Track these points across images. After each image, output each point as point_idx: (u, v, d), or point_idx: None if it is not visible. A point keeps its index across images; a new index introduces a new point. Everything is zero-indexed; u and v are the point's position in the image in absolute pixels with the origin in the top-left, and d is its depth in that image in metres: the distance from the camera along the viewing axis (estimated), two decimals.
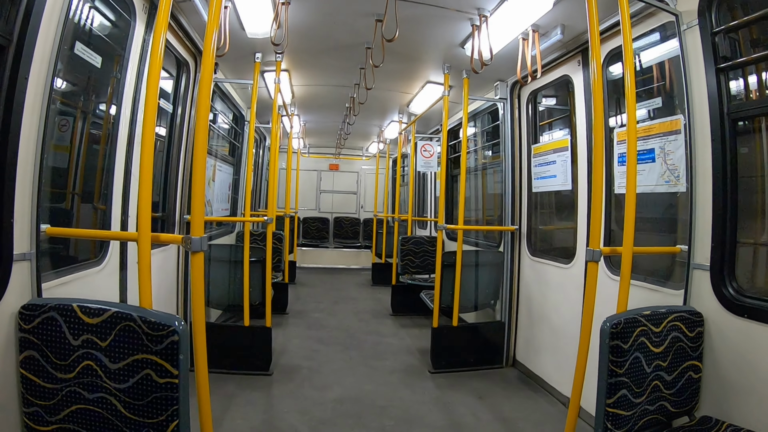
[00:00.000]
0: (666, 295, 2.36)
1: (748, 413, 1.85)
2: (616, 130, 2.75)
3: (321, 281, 7.75)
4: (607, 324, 1.80)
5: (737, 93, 2.07)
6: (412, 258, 5.76)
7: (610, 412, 1.77)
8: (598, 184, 1.96)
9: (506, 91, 4.07)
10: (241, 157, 5.52)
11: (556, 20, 2.87)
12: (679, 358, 1.98)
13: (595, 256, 1.91)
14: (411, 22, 3.00)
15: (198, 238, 1.59)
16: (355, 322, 5.28)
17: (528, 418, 3.02)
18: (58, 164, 2.17)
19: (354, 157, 10.63)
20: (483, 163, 5.59)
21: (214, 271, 3.89)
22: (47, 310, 1.55)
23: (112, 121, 2.42)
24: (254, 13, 2.98)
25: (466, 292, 4.01)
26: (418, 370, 3.81)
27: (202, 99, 1.66)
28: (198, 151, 1.62)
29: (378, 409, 3.07)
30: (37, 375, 1.56)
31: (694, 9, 2.12)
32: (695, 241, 2.15)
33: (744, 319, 1.89)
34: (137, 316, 1.50)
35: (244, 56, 3.66)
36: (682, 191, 2.29)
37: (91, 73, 2.29)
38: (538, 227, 3.96)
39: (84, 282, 2.12)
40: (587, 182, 3.08)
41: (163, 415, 1.47)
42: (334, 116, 6.48)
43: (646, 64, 2.68)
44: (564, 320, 3.27)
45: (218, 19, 1.71)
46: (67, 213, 2.30)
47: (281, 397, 3.18)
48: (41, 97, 1.70)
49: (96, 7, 2.24)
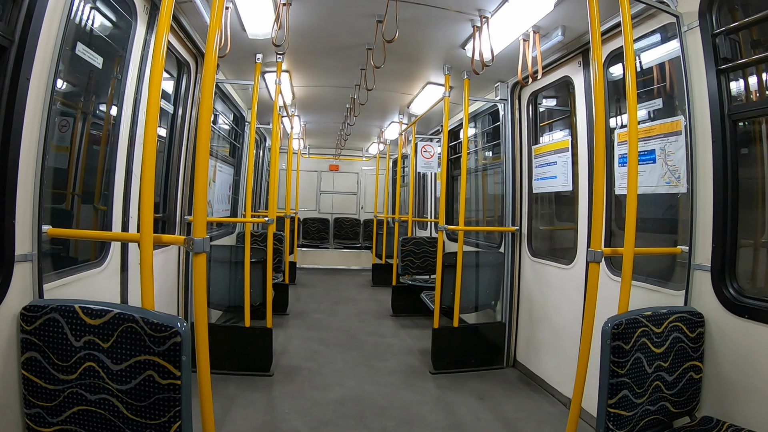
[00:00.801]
0: (667, 296, 2.36)
1: (749, 413, 1.85)
2: (617, 131, 2.76)
3: (321, 282, 7.75)
4: (609, 325, 1.80)
5: (738, 94, 2.07)
6: (413, 259, 5.76)
7: (612, 412, 1.78)
8: (599, 185, 1.96)
9: (507, 92, 4.08)
10: (242, 158, 5.53)
11: (556, 21, 2.88)
12: (680, 359, 1.99)
13: (597, 257, 1.91)
14: (411, 23, 3.01)
15: (200, 240, 1.58)
16: (356, 322, 5.27)
17: (529, 419, 3.02)
18: (59, 165, 2.17)
19: (354, 157, 10.64)
20: (483, 163, 5.59)
21: (214, 272, 3.89)
22: (49, 312, 1.55)
23: (113, 122, 2.42)
24: (255, 14, 2.99)
25: (466, 292, 4.01)
26: (419, 371, 3.81)
27: (204, 100, 1.66)
28: (200, 152, 1.61)
29: (379, 409, 3.06)
30: (39, 376, 1.56)
31: (695, 10, 2.12)
32: (696, 242, 2.15)
33: (745, 320, 1.89)
34: (139, 317, 1.50)
35: (245, 57, 3.66)
36: (682, 192, 2.30)
37: (92, 73, 2.29)
38: (539, 228, 3.96)
39: (85, 283, 2.12)
40: (588, 183, 3.09)
41: (165, 417, 1.47)
42: (335, 117, 6.48)
43: (646, 65, 2.68)
44: (564, 321, 3.28)
45: (220, 20, 1.71)
46: (68, 214, 2.30)
47: (282, 398, 3.18)
48: (43, 98, 1.70)
49: (97, 7, 2.25)
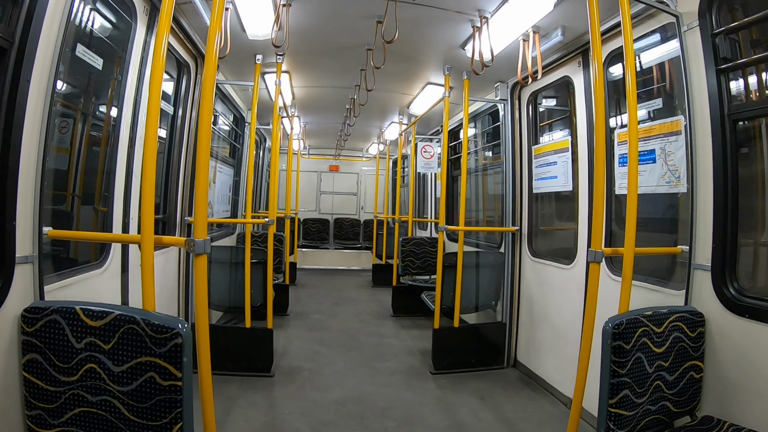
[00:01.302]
0: (667, 296, 2.36)
1: (749, 413, 1.85)
2: (617, 130, 2.76)
3: (321, 282, 7.74)
4: (609, 324, 1.80)
5: (738, 94, 2.07)
6: (413, 259, 5.76)
7: (613, 412, 1.78)
8: (599, 185, 1.96)
9: (507, 92, 4.08)
10: (242, 159, 5.53)
11: (556, 21, 2.88)
12: (681, 358, 1.99)
13: (597, 256, 1.91)
14: (411, 24, 3.01)
15: (201, 241, 1.58)
16: (356, 323, 5.27)
17: (529, 419, 3.02)
18: (60, 167, 2.17)
19: (354, 158, 10.63)
20: (483, 164, 5.59)
21: (214, 272, 3.89)
22: (50, 313, 1.55)
23: (113, 123, 2.42)
24: (255, 14, 2.99)
25: (467, 293, 4.01)
26: (420, 371, 3.80)
27: (205, 101, 1.66)
28: (201, 153, 1.61)
29: (380, 410, 3.06)
30: (40, 378, 1.56)
31: (695, 10, 2.12)
32: (696, 242, 2.15)
33: (745, 319, 1.89)
34: (140, 318, 1.50)
35: (245, 58, 3.66)
36: (682, 192, 2.30)
37: (93, 75, 2.29)
38: (539, 228, 3.96)
39: (86, 284, 2.12)
40: (588, 183, 3.09)
41: (167, 418, 1.47)
42: (335, 117, 6.48)
43: (646, 65, 2.68)
44: (565, 321, 3.28)
45: (220, 21, 1.71)
46: (69, 216, 2.30)
47: (283, 398, 3.18)
48: (43, 99, 1.70)
49: (97, 9, 2.25)
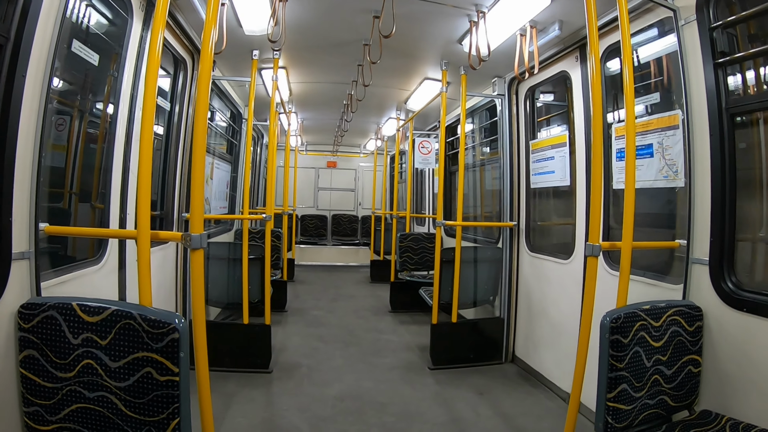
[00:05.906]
0: (665, 290, 2.37)
1: (747, 407, 1.86)
2: (615, 125, 2.75)
3: (319, 278, 7.75)
4: (607, 319, 1.80)
5: (735, 88, 2.07)
6: (411, 255, 5.77)
7: (611, 406, 1.78)
8: (597, 180, 1.96)
9: (504, 87, 4.07)
10: (239, 155, 5.51)
11: (553, 16, 2.87)
12: (679, 353, 1.99)
13: (595, 251, 1.92)
14: (408, 19, 2.99)
15: (198, 235, 1.58)
16: (354, 319, 5.28)
17: (528, 414, 3.03)
18: (56, 163, 2.16)
19: (352, 154, 10.62)
20: (481, 159, 5.59)
21: (212, 269, 3.89)
22: (47, 309, 1.55)
23: (110, 120, 2.41)
24: (251, 10, 2.97)
25: (465, 288, 4.02)
26: (418, 367, 3.82)
27: (201, 97, 1.65)
28: (197, 149, 1.61)
29: (378, 405, 3.07)
30: (37, 374, 1.55)
31: (692, 4, 2.12)
32: (694, 236, 2.15)
33: (743, 313, 1.90)
34: (137, 314, 1.49)
35: (242, 54, 3.64)
36: (680, 186, 2.30)
37: (89, 71, 2.27)
38: (537, 223, 3.96)
39: (83, 281, 2.12)
40: (586, 178, 3.09)
41: (164, 413, 1.47)
42: (332, 113, 6.46)
43: (644, 60, 2.68)
44: (563, 315, 3.29)
45: (216, 17, 1.70)
46: (66, 212, 2.29)
47: (281, 394, 3.18)
48: (39, 95, 1.69)
49: (93, 4, 2.23)
